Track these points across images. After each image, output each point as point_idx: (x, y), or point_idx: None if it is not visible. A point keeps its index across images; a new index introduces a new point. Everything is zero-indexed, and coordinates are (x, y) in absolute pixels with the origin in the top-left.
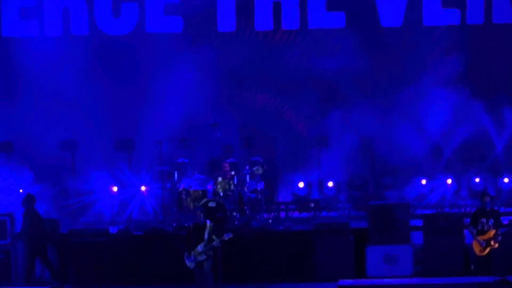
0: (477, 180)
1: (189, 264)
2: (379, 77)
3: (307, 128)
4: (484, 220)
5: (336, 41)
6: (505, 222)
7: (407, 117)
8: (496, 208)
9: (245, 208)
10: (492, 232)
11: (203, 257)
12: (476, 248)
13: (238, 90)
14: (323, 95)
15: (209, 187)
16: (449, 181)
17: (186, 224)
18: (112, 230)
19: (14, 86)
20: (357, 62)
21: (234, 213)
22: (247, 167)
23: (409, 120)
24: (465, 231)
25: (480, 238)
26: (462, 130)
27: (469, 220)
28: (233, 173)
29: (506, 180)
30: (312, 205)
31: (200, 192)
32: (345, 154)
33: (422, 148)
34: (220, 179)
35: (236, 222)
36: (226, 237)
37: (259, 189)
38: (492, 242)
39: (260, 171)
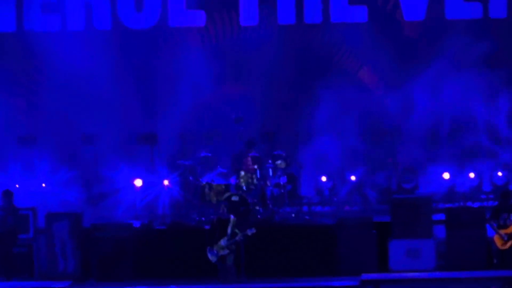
0: (500, 174)
1: (212, 258)
2: (401, 71)
3: (328, 122)
4: (505, 215)
5: (358, 35)
6: None
7: (429, 109)
8: None
9: (268, 202)
10: None
11: (226, 251)
12: (498, 242)
13: (260, 84)
14: (344, 89)
15: (232, 181)
16: (472, 175)
17: (209, 218)
18: (135, 224)
19: (36, 81)
20: (379, 57)
21: (257, 207)
22: (269, 161)
23: (431, 113)
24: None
25: (502, 232)
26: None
27: (490, 214)
28: (256, 167)
29: None
30: (335, 199)
31: (223, 186)
32: (367, 147)
33: (445, 141)
34: (243, 173)
35: (259, 216)
36: (249, 232)
37: (282, 183)
38: None
39: (283, 165)
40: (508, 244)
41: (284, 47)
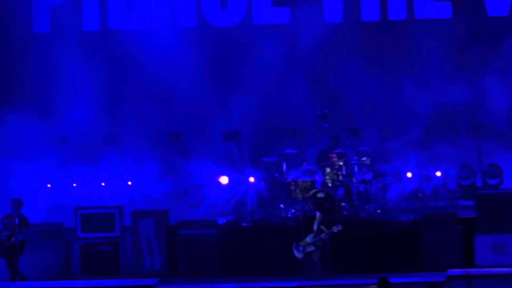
0: None
1: (298, 255)
2: (485, 66)
3: (415, 118)
4: None
5: (443, 31)
6: None
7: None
8: None
9: (354, 198)
10: None
11: (312, 248)
12: None
13: (345, 80)
14: (428, 85)
15: (318, 178)
16: None
17: (295, 215)
18: (221, 221)
19: (121, 79)
20: (465, 51)
21: (343, 204)
22: (355, 158)
23: None
24: None
25: None
26: None
27: None
28: (341, 163)
29: None
30: (420, 195)
31: (309, 183)
32: (452, 143)
33: None
34: (328, 169)
35: (344, 213)
36: (335, 229)
37: (367, 179)
38: None
39: (368, 161)
40: None
41: (368, 43)
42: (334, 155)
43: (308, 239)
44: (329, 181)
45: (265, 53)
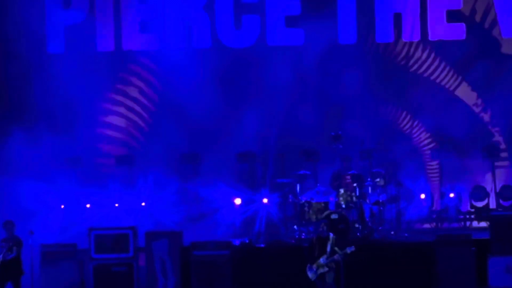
0: None
1: (311, 276)
2: (499, 86)
3: (428, 139)
4: None
5: (455, 52)
6: None
7: None
8: None
9: (367, 219)
10: None
11: (325, 269)
12: None
13: (359, 101)
14: (443, 105)
15: (331, 199)
16: None
17: (308, 236)
18: (235, 242)
19: (134, 99)
20: (477, 73)
21: (356, 225)
22: (369, 179)
23: None
24: None
25: None
26: None
27: None
28: (355, 185)
29: None
30: (434, 216)
31: (322, 204)
32: (466, 164)
33: None
34: (342, 191)
35: (358, 234)
36: (348, 250)
37: (381, 200)
38: None
39: (382, 182)
40: None
41: (381, 64)
42: (348, 176)
43: (322, 260)
44: (342, 202)
45: (279, 74)
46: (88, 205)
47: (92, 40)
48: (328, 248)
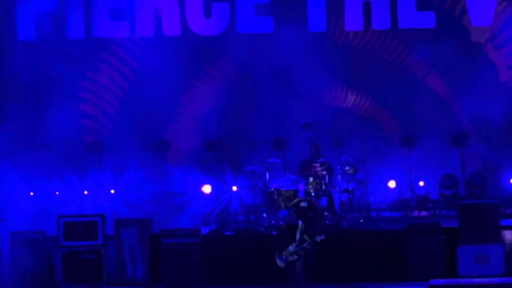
0: None
1: (281, 264)
2: (469, 75)
3: (397, 128)
4: None
5: (425, 40)
6: None
7: (498, 113)
8: None
9: (336, 208)
10: None
11: (295, 257)
12: None
13: (328, 89)
14: (412, 94)
15: (301, 187)
16: None
17: (277, 224)
18: (204, 230)
19: (105, 87)
20: (447, 61)
21: (326, 213)
22: (338, 167)
23: (500, 117)
24: None
25: None
26: None
27: None
28: (324, 173)
29: None
30: (403, 204)
31: (292, 192)
32: (435, 153)
33: None
34: (311, 179)
35: (327, 222)
36: (318, 238)
37: (350, 189)
38: None
39: (351, 171)
40: None
41: (352, 53)
42: (317, 164)
43: (291, 248)
44: (312, 190)
45: (249, 62)
46: (57, 193)
47: (62, 28)
48: (298, 236)
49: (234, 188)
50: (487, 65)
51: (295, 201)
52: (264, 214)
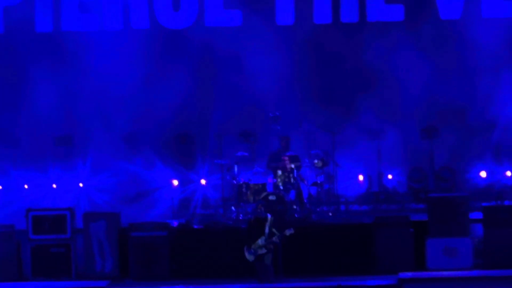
0: None
1: (250, 257)
2: (438, 69)
3: (366, 121)
4: None
5: (395, 34)
6: None
7: (468, 107)
8: None
9: (305, 201)
10: None
11: (264, 250)
12: None
13: (297, 83)
14: (380, 88)
15: (269, 180)
16: (509, 173)
17: (246, 218)
18: (172, 223)
19: (74, 81)
20: (416, 55)
21: (294, 206)
22: (306, 160)
23: (470, 112)
24: None
25: None
26: None
27: None
28: (293, 166)
29: None
30: (372, 197)
31: (260, 186)
32: (404, 146)
33: (482, 139)
34: (280, 172)
35: (296, 215)
36: (287, 232)
37: (319, 182)
38: None
39: (320, 164)
40: None
41: (320, 46)
42: (286, 158)
43: (260, 241)
44: (280, 183)
45: (217, 55)
46: (26, 186)
47: (31, 21)
48: (266, 230)
49: (203, 182)
50: (455, 58)
51: (263, 194)
52: (233, 208)
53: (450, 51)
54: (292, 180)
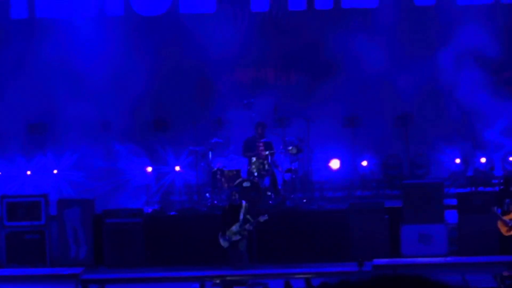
0: None
1: (224, 244)
2: (412, 55)
3: (341, 108)
4: (508, 200)
5: (369, 20)
6: None
7: (442, 94)
8: None
9: (280, 188)
10: None
11: (238, 237)
12: (503, 228)
13: (272, 69)
14: (355, 74)
15: (244, 167)
16: (483, 159)
17: (220, 204)
18: (147, 210)
19: (48, 68)
20: (391, 42)
21: (269, 193)
22: (281, 147)
23: (444, 98)
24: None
25: (506, 218)
26: (496, 112)
27: (493, 200)
28: (267, 153)
29: None
30: (347, 184)
31: (235, 172)
32: (379, 133)
33: (457, 126)
34: (254, 159)
35: (270, 202)
36: (261, 219)
37: (293, 168)
38: None
39: (294, 150)
40: None
41: (295, 33)
42: (261, 144)
43: (234, 228)
44: (255, 170)
45: (192, 42)
46: None
47: (6, 8)
48: (241, 216)
49: (177, 168)
50: (430, 44)
51: (238, 181)
52: (207, 194)
53: (425, 37)
54: (266, 166)
